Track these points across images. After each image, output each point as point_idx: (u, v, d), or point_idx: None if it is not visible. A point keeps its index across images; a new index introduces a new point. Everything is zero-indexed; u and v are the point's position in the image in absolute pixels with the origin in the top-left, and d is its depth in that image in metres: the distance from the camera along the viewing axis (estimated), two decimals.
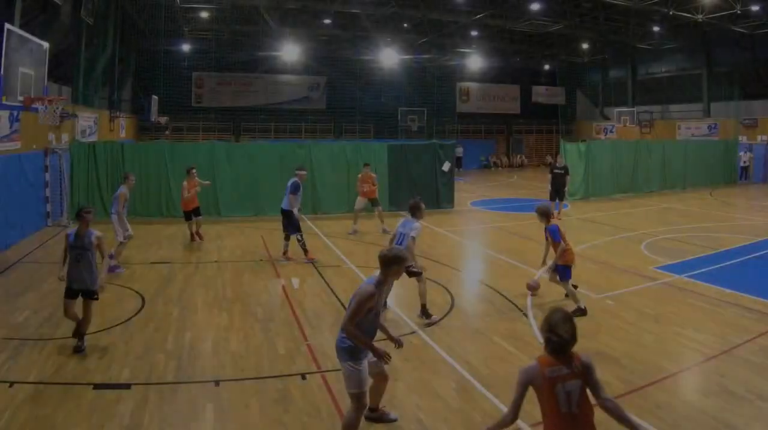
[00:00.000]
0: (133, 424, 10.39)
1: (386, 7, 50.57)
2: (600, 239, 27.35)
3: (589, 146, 43.08)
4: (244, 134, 68.55)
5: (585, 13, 54.95)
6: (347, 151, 35.31)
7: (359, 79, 70.72)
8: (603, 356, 13.32)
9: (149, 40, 58.97)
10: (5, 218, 23.95)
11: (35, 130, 27.44)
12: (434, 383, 12.15)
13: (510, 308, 17.17)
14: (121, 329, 15.10)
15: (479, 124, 79.34)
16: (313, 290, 19.19)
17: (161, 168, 32.42)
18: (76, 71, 39.11)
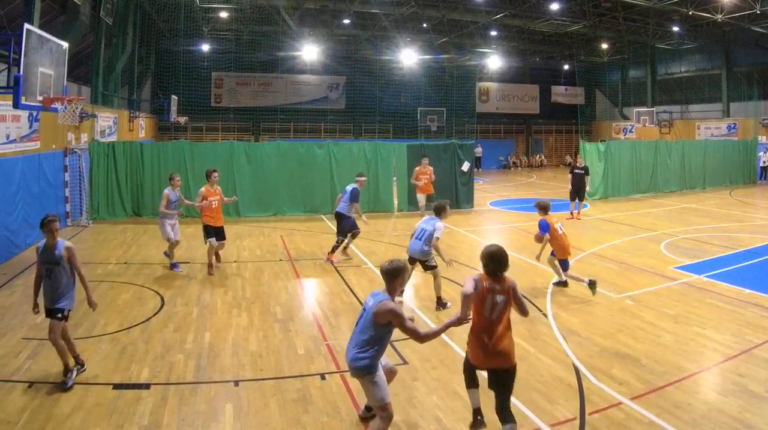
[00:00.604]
0: (152, 424, 10.41)
1: (405, 7, 50.53)
2: (619, 238, 27.28)
3: (608, 146, 42.92)
4: (263, 134, 68.48)
5: (604, 13, 54.79)
6: (366, 151, 35.24)
7: (379, 78, 70.61)
8: (622, 355, 13.32)
9: (169, 40, 59.42)
10: (25, 217, 23.98)
11: (54, 130, 27.46)
12: (453, 383, 12.12)
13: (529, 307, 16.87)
14: (140, 328, 15.11)
15: (498, 124, 79.20)
16: (332, 290, 19.16)
17: (180, 168, 32.07)
18: (95, 71, 39.19)
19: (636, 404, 11.04)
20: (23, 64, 16.42)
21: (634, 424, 10.36)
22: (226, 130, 67.71)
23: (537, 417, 10.64)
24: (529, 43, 66.94)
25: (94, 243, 26.26)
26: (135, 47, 48.25)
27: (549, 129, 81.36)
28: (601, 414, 10.76)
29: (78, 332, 14.72)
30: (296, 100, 70.46)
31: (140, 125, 50.66)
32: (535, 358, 13.32)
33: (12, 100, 16.61)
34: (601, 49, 69.14)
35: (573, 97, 79.67)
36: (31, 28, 17.31)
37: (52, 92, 18.64)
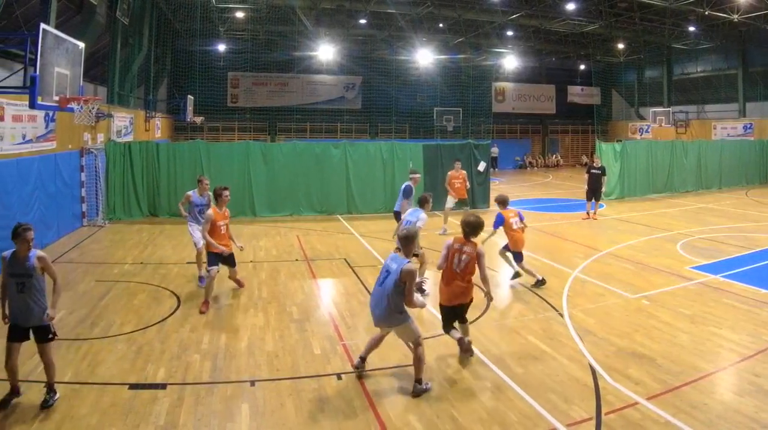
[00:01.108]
0: (168, 424, 10.45)
1: (422, 7, 50.58)
2: (635, 238, 27.19)
3: (624, 146, 42.78)
4: (279, 134, 68.67)
5: (620, 13, 54.63)
6: (383, 151, 35.21)
7: (395, 78, 70.68)
8: (638, 355, 13.31)
9: (185, 40, 59.46)
10: (41, 218, 24.02)
11: (71, 130, 27.51)
12: (469, 383, 12.15)
13: (545, 307, 17.17)
14: (156, 328, 15.14)
15: (514, 124, 79.12)
16: (348, 290, 19.17)
17: (197, 168, 32.16)
18: (111, 71, 39.28)
19: (652, 404, 11.02)
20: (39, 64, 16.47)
21: (651, 424, 10.35)
22: (242, 130, 67.84)
23: (553, 417, 10.64)
24: (545, 43, 66.87)
25: (110, 243, 26.28)
26: (151, 47, 48.40)
27: (565, 129, 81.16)
28: (617, 414, 10.74)
29: (94, 332, 14.83)
30: (312, 100, 70.54)
31: (156, 125, 50.78)
32: (551, 358, 13.33)
33: (28, 100, 16.69)
34: (618, 49, 68.96)
35: (589, 97, 79.55)
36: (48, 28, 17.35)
37: (68, 92, 18.69)
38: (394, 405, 11.25)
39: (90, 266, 21.61)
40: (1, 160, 20.64)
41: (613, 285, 19.09)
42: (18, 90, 18.35)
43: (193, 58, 58.07)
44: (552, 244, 26.39)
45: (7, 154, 21.16)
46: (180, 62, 59.28)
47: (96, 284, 19.09)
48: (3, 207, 20.47)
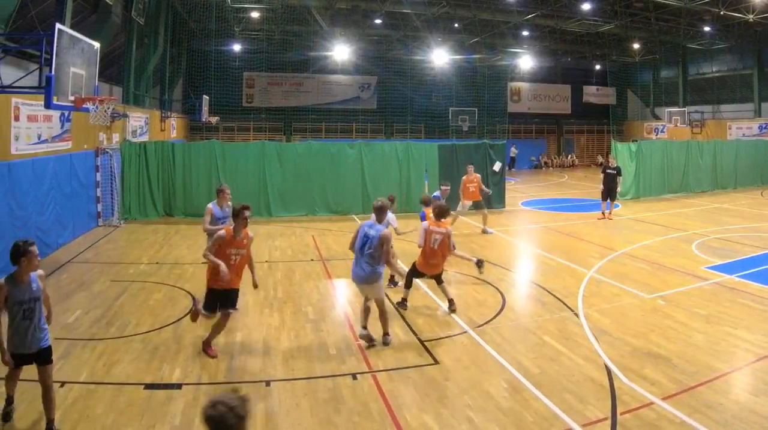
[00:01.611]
0: (183, 424, 10.49)
1: (437, 7, 50.52)
2: (651, 238, 27.13)
3: (640, 146, 42.71)
4: (294, 134, 68.79)
5: (636, 13, 54.50)
6: (398, 151, 35.17)
7: (410, 78, 70.35)
8: (654, 355, 13.29)
9: (200, 40, 59.47)
10: (57, 218, 24.11)
11: (86, 130, 27.57)
12: (485, 383, 12.13)
13: (561, 307, 17.14)
14: (172, 328, 15.18)
15: (530, 124, 79.05)
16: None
17: (212, 168, 32.52)
18: (127, 71, 39.41)
19: (667, 404, 11.00)
20: (55, 64, 16.48)
21: (666, 424, 10.35)
22: (257, 130, 67.88)
23: (569, 417, 10.64)
24: (560, 43, 66.78)
25: (125, 243, 26.37)
26: (166, 47, 48.48)
27: (580, 129, 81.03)
28: (633, 414, 10.72)
29: (110, 332, 14.87)
30: (328, 100, 70.59)
31: (172, 125, 50.91)
32: (566, 358, 13.32)
33: (44, 100, 16.67)
34: (633, 49, 68.74)
35: (605, 97, 79.23)
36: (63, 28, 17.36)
37: (83, 92, 18.71)
38: (409, 405, 11.23)
39: (105, 266, 21.67)
40: (17, 161, 20.66)
41: (628, 285, 19.05)
42: (33, 90, 18.40)
43: (209, 58, 58.12)
44: (567, 244, 26.37)
45: (22, 155, 21.20)
46: (195, 62, 59.52)
47: (111, 284, 19.15)
48: (19, 207, 20.54)
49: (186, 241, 25.76)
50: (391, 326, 14.87)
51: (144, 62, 42.85)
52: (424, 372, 12.65)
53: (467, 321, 15.93)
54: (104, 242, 26.26)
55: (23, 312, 9.89)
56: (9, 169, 19.87)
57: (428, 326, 15.67)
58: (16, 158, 20.68)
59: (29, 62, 25.22)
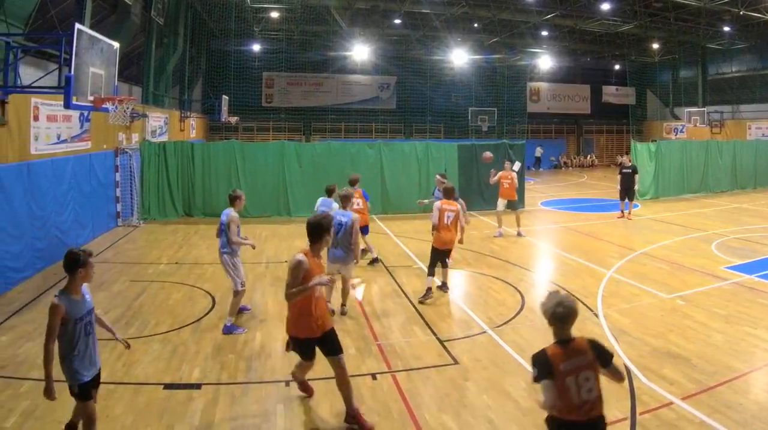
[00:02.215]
0: (203, 424, 10.50)
1: (456, 7, 50.62)
2: (670, 238, 27.04)
3: (659, 146, 42.64)
4: (314, 134, 68.93)
5: (655, 13, 54.38)
6: (417, 151, 35.17)
7: (429, 78, 70.47)
8: (673, 355, 13.25)
9: (219, 40, 59.91)
10: (76, 217, 24.13)
11: (105, 130, 27.61)
12: (505, 383, 12.12)
13: (580, 307, 16.83)
14: (191, 329, 15.20)
15: (549, 124, 78.99)
16: (383, 291, 19.18)
17: (231, 168, 32.60)
18: (146, 71, 39.53)
19: (687, 404, 10.98)
20: (74, 64, 16.50)
21: (685, 424, 10.33)
22: (277, 130, 68.06)
23: None
24: (580, 43, 66.73)
25: (144, 243, 26.43)
26: (186, 47, 48.59)
27: (600, 129, 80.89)
28: (652, 414, 10.71)
29: (129, 332, 14.85)
30: (347, 100, 70.73)
31: (191, 125, 51.04)
32: None
33: (63, 100, 16.68)
34: (652, 49, 68.59)
35: (624, 97, 79.03)
36: (82, 28, 17.39)
37: (103, 92, 18.74)
38: (429, 405, 11.21)
39: (125, 266, 21.71)
40: (37, 161, 20.70)
41: (647, 285, 19.01)
42: (53, 90, 18.50)
43: (228, 58, 58.42)
44: (587, 244, 26.31)
45: (41, 154, 21.25)
46: (215, 62, 59.85)
47: (131, 284, 19.20)
48: (38, 207, 20.56)
49: (205, 241, 25.71)
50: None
51: (163, 62, 42.95)
52: (444, 372, 12.63)
53: (486, 321, 15.91)
54: (124, 242, 26.33)
55: (84, 328, 8.99)
56: (28, 169, 19.90)
57: (447, 326, 15.65)
58: (36, 158, 20.72)
59: (48, 62, 25.33)
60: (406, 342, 14.27)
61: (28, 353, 13.35)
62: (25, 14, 21.06)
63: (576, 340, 7.85)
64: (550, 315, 7.70)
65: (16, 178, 19.10)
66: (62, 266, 9.03)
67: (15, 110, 19.15)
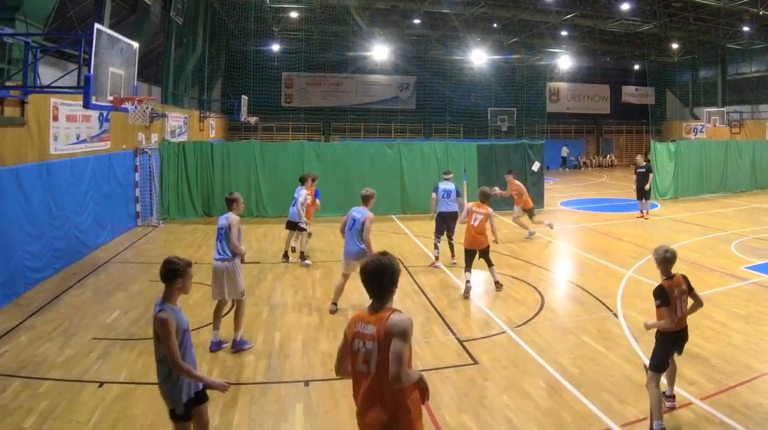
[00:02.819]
0: (222, 424, 10.52)
1: (476, 7, 50.66)
2: (690, 238, 27.00)
3: (678, 146, 42.60)
4: (333, 134, 69.07)
5: (675, 13, 54.36)
6: (437, 151, 35.16)
7: (449, 78, 70.58)
8: (692, 355, 13.17)
9: (239, 40, 60.24)
10: (95, 218, 24.22)
11: (125, 130, 27.71)
12: (524, 383, 12.11)
13: (599, 307, 17.13)
14: (210, 329, 14.95)
15: (569, 124, 78.98)
16: (403, 290, 19.09)
17: (251, 168, 32.74)
18: (165, 71, 39.65)
19: (706, 404, 10.97)
20: (93, 64, 16.50)
21: (705, 424, 10.32)
22: (296, 130, 68.23)
23: (608, 417, 10.62)
24: (599, 43, 66.79)
25: (164, 243, 26.48)
26: (205, 47, 48.78)
27: (619, 129, 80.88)
28: (672, 414, 10.67)
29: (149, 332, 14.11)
30: (366, 100, 70.92)
31: (210, 125, 51.19)
32: (605, 358, 13.31)
33: (82, 100, 16.70)
34: (672, 49, 68.44)
35: (643, 97, 79.04)
36: (102, 28, 17.41)
37: (122, 92, 18.77)
38: (448, 405, 11.19)
39: (144, 266, 21.72)
40: (56, 161, 20.76)
41: None
42: (72, 90, 18.50)
43: (248, 58, 58.62)
44: (606, 244, 26.30)
45: (61, 155, 21.32)
46: (234, 62, 60.21)
47: (150, 284, 19.17)
48: (57, 207, 20.61)
49: None
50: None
51: (183, 62, 43.15)
52: (463, 372, 12.63)
53: (506, 321, 15.91)
54: (143, 242, 26.40)
55: (189, 339, 8.75)
56: (48, 169, 19.95)
57: (467, 326, 15.66)
58: (55, 158, 20.78)
59: (68, 62, 25.43)
60: (425, 342, 14.26)
61: (47, 354, 13.37)
62: (44, 14, 21.08)
63: (676, 275, 11.27)
64: (662, 258, 11.32)
65: (36, 179, 19.15)
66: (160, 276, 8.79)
67: (34, 110, 19.24)
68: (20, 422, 10.35)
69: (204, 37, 47.30)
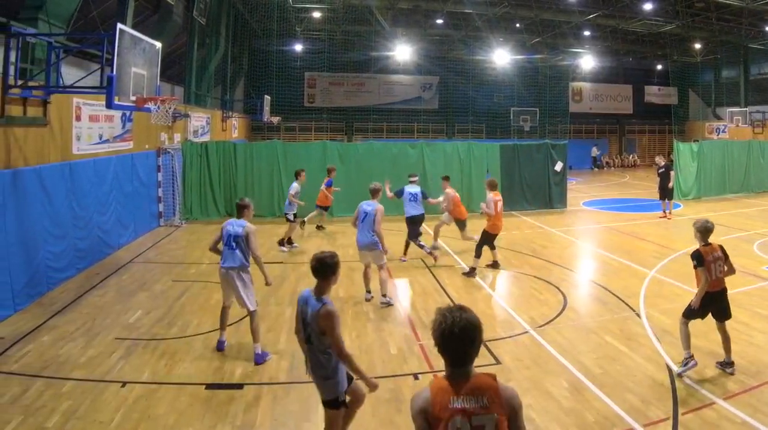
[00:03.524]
0: (245, 424, 10.53)
1: (498, 7, 50.69)
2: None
3: (701, 146, 42.39)
4: (356, 134, 69.14)
5: (697, 13, 54.19)
6: (460, 151, 35.12)
7: (472, 78, 70.43)
8: (715, 355, 13.14)
9: (261, 40, 60.35)
10: (118, 218, 24.28)
11: (147, 130, 27.76)
12: (546, 383, 12.10)
13: (622, 307, 17.06)
14: (233, 329, 15.15)
15: (591, 124, 78.89)
16: (425, 290, 19.22)
17: (273, 168, 32.77)
18: (188, 71, 39.73)
19: (729, 404, 10.92)
20: (116, 64, 16.51)
21: (727, 424, 10.25)
22: (319, 130, 68.42)
23: (631, 417, 10.58)
24: (622, 42, 66.58)
25: (186, 243, 26.57)
26: (228, 47, 48.94)
27: (642, 129, 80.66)
28: (694, 414, 10.65)
29: (171, 331, 15.01)
30: (389, 100, 71.05)
31: (233, 125, 51.24)
32: (628, 358, 13.27)
33: (105, 101, 16.70)
34: (694, 49, 68.16)
35: (666, 97, 78.86)
36: (124, 28, 17.44)
37: (145, 92, 18.78)
38: None
39: (167, 266, 21.83)
40: (79, 161, 20.81)
41: (690, 285, 18.43)
42: (95, 90, 18.47)
43: (270, 58, 58.76)
44: (629, 244, 26.24)
45: (84, 155, 21.38)
46: (257, 62, 60.10)
47: (173, 284, 19.30)
48: (80, 207, 20.68)
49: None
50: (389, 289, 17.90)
51: (205, 62, 43.26)
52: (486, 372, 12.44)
53: (529, 321, 15.90)
54: (166, 242, 26.46)
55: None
56: (70, 169, 20.02)
57: (490, 326, 15.52)
58: (78, 158, 20.83)
59: (90, 62, 25.56)
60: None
61: (69, 354, 13.40)
62: (66, 14, 21.20)
63: (712, 243, 13.08)
64: (703, 228, 13.10)
65: (59, 179, 19.22)
66: (314, 272, 8.92)
67: (57, 110, 19.30)
68: (43, 421, 10.37)
69: (227, 37, 47.50)
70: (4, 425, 10.22)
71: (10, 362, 12.89)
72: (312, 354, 8.77)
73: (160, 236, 27.49)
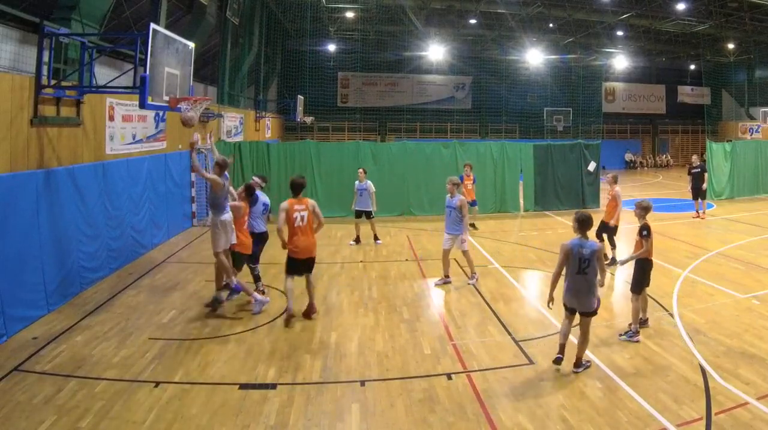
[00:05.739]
0: (278, 424, 10.50)
1: (532, 7, 50.71)
2: (745, 238, 26.78)
3: (734, 146, 42.15)
4: (389, 134, 69.32)
5: (730, 13, 53.89)
6: (493, 151, 35.08)
7: (505, 78, 70.52)
8: (748, 355, 13.10)
9: (295, 41, 60.71)
10: (151, 217, 24.29)
11: (181, 130, 27.53)
12: (579, 383, 12.07)
13: (655, 307, 16.87)
14: (266, 328, 15.21)
15: (624, 124, 78.64)
16: (459, 290, 19.12)
17: (307, 168, 32.61)
18: (221, 71, 39.70)
19: (762, 404, 10.83)
20: (149, 64, 16.52)
21: (761, 424, 10.18)
22: (352, 130, 68.51)
23: (663, 417, 10.52)
24: (655, 43, 66.17)
25: None
26: (261, 47, 49.01)
27: (675, 129, 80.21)
28: (728, 414, 10.58)
29: (204, 331, 15.02)
30: (422, 100, 71.11)
31: (266, 125, 51.26)
32: (661, 358, 13.20)
33: (138, 101, 16.74)
34: (728, 49, 67.69)
35: (699, 97, 78.48)
36: (158, 28, 17.44)
37: (178, 92, 18.81)
38: (504, 405, 11.17)
39: (200, 266, 21.80)
40: (112, 161, 20.88)
41: (722, 285, 18.84)
42: (128, 90, 18.47)
43: (303, 58, 58.96)
44: (661, 244, 25.83)
45: (117, 155, 21.46)
46: (290, 62, 60.39)
47: (206, 284, 19.21)
48: (113, 207, 20.73)
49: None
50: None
51: (239, 62, 43.43)
52: (519, 372, 12.60)
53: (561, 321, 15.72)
54: (199, 242, 26.43)
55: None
56: (104, 169, 20.08)
57: (523, 326, 15.58)
58: (111, 158, 20.90)
59: (124, 62, 25.60)
60: (481, 342, 14.19)
61: (102, 354, 13.44)
62: (100, 15, 21.32)
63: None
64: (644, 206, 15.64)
65: (92, 179, 19.28)
66: (579, 224, 12.65)
67: (90, 110, 19.39)
68: (76, 421, 10.40)
69: (260, 38, 47.62)
70: (38, 424, 10.26)
71: (44, 362, 12.91)
72: (585, 282, 12.58)
73: (193, 236, 27.56)
